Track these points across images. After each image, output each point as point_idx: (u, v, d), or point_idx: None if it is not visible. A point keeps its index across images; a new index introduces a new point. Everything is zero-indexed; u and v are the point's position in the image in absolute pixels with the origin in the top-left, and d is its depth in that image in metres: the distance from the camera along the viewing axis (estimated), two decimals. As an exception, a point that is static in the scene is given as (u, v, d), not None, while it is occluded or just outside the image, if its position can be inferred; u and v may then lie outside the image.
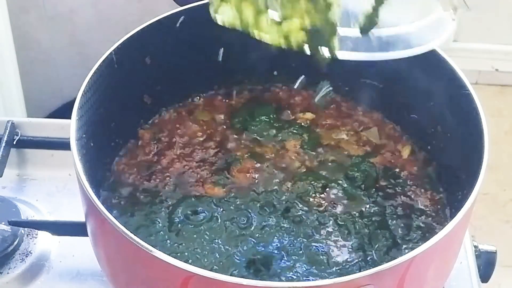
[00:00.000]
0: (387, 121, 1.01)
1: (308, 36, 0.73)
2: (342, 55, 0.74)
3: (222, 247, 0.85)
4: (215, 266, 0.83)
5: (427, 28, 0.76)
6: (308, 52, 0.74)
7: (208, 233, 0.86)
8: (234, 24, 0.76)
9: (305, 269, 0.83)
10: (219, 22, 0.77)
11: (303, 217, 0.88)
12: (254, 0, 0.74)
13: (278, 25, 0.74)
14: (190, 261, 0.83)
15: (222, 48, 0.98)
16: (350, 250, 0.85)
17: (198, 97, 1.03)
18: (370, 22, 0.73)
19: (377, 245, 0.86)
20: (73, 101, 0.82)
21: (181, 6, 0.95)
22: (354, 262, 0.84)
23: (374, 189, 0.92)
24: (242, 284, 0.67)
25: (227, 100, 1.03)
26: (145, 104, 0.99)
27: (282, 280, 0.81)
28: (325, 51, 0.73)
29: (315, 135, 0.99)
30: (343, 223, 0.88)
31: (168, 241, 0.86)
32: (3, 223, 0.94)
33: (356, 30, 0.73)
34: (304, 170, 0.94)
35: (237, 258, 0.84)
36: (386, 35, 0.74)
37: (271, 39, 0.75)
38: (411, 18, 0.75)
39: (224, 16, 0.76)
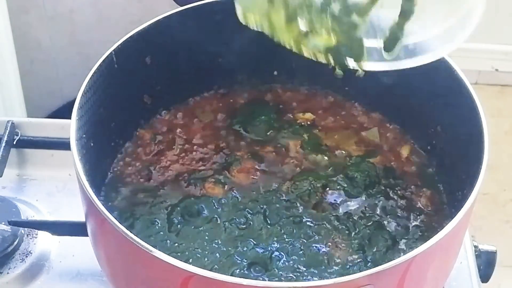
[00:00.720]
0: (387, 121, 1.01)
1: (334, 51, 0.72)
2: (368, 66, 0.73)
3: (222, 247, 0.85)
4: (215, 266, 0.83)
5: (455, 24, 0.74)
6: (333, 63, 0.73)
7: (208, 233, 0.86)
8: (262, 27, 0.75)
9: (305, 269, 0.83)
10: (250, 26, 0.76)
11: (303, 217, 0.88)
12: (284, 8, 0.73)
13: (305, 37, 0.73)
14: (190, 260, 0.83)
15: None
16: (350, 250, 0.85)
17: (198, 97, 1.03)
18: (394, 38, 0.72)
19: (377, 245, 0.86)
20: (73, 101, 0.82)
21: (181, 6, 0.95)
22: (355, 262, 0.84)
23: (374, 189, 0.92)
24: (242, 284, 0.67)
25: (227, 100, 1.03)
26: (145, 104, 0.99)
27: (282, 280, 0.81)
28: (350, 63, 0.72)
29: (315, 135, 0.99)
30: (343, 223, 0.88)
31: (168, 241, 0.86)
32: (3, 223, 0.94)
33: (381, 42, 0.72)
34: (304, 170, 0.94)
35: (237, 258, 0.84)
36: (413, 43, 0.73)
37: (297, 49, 0.74)
38: (440, 18, 0.74)
39: (251, 20, 0.75)
